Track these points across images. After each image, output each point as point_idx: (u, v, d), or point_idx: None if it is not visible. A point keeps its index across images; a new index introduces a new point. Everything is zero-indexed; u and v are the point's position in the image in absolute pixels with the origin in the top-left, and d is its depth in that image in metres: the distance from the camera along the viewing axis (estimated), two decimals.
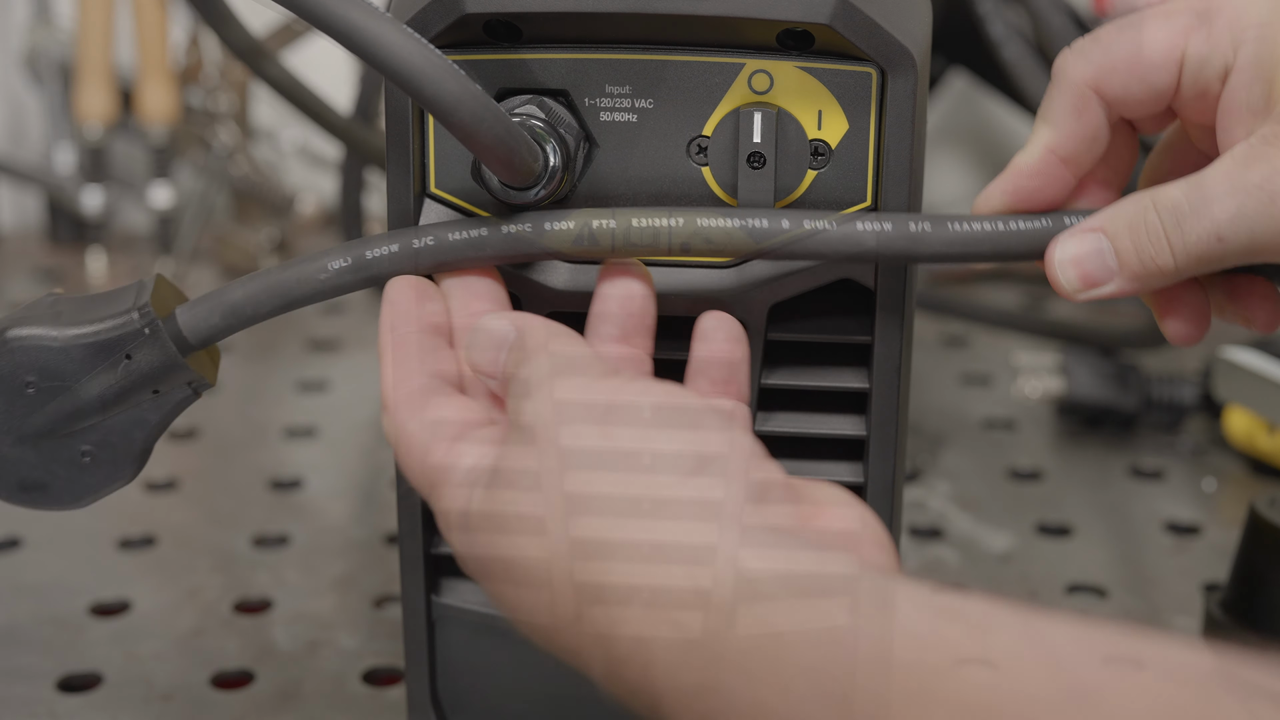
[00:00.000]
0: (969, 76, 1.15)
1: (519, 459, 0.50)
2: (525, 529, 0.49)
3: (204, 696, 0.76)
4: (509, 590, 0.51)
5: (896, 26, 0.57)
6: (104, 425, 0.59)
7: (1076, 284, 0.55)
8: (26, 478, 0.60)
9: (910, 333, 0.62)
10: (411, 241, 0.58)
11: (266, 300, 0.58)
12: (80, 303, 0.59)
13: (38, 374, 0.57)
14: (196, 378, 0.59)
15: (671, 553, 0.47)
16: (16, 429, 0.58)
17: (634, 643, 0.47)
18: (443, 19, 0.57)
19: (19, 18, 1.34)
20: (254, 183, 1.27)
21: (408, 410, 0.54)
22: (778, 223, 0.56)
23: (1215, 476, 0.98)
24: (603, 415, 0.50)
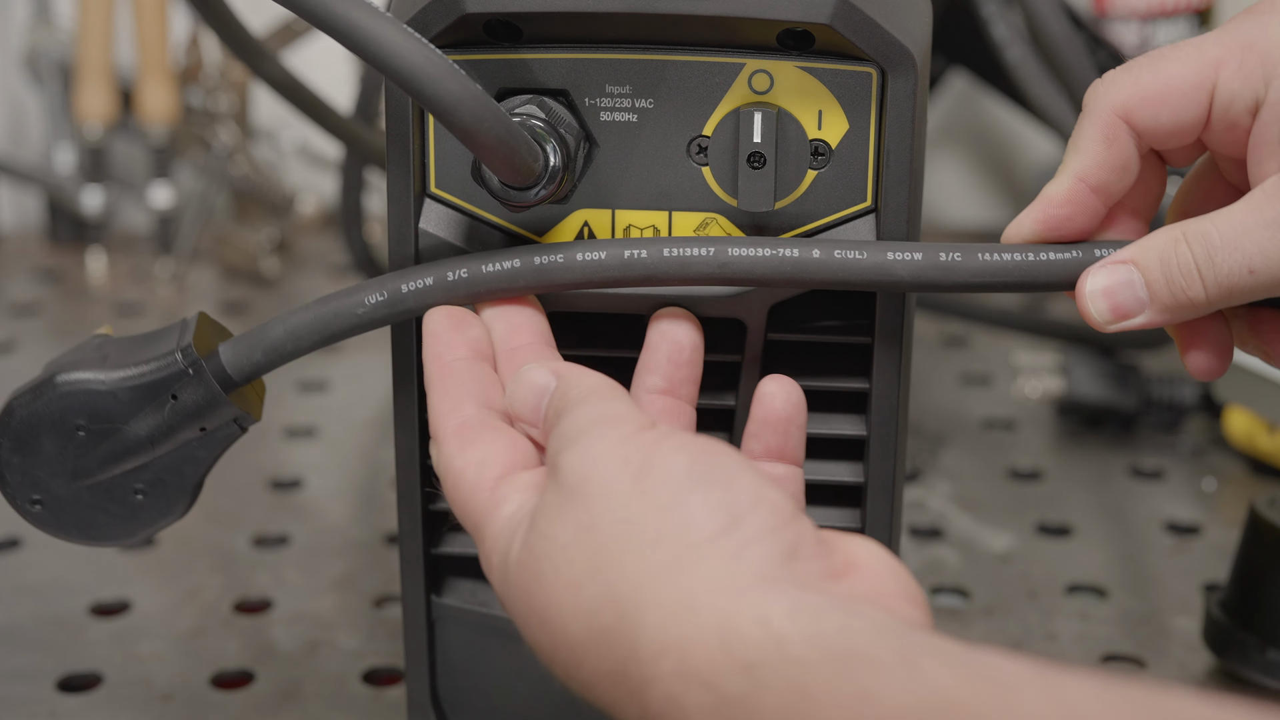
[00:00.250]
0: (969, 76, 1.15)
1: (554, 514, 0.51)
2: (559, 585, 0.50)
3: (204, 696, 0.76)
4: (544, 641, 0.51)
5: (896, 26, 0.57)
6: (155, 464, 0.60)
7: (1108, 315, 0.55)
8: (81, 517, 0.61)
9: (910, 333, 0.62)
10: (446, 274, 0.58)
11: (306, 337, 0.59)
12: (126, 345, 0.61)
13: (87, 417, 0.59)
14: (241, 414, 0.60)
15: (702, 613, 0.47)
16: (69, 471, 0.60)
17: (667, 701, 0.47)
18: (443, 19, 0.57)
19: (19, 18, 1.34)
20: (254, 183, 1.27)
21: (456, 445, 0.55)
22: (808, 253, 0.57)
23: (1215, 476, 0.98)
24: (638, 471, 0.50)
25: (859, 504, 0.63)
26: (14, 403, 0.59)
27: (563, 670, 0.51)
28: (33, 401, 0.59)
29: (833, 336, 0.61)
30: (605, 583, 0.49)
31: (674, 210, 0.60)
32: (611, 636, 0.48)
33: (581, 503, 0.50)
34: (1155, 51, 0.56)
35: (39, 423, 0.59)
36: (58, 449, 0.59)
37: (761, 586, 0.47)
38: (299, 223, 1.33)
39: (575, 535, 0.50)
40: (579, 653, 0.49)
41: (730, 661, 0.46)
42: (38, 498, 0.60)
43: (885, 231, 0.59)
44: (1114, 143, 0.56)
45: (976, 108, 1.36)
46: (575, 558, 0.49)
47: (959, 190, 1.39)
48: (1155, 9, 1.22)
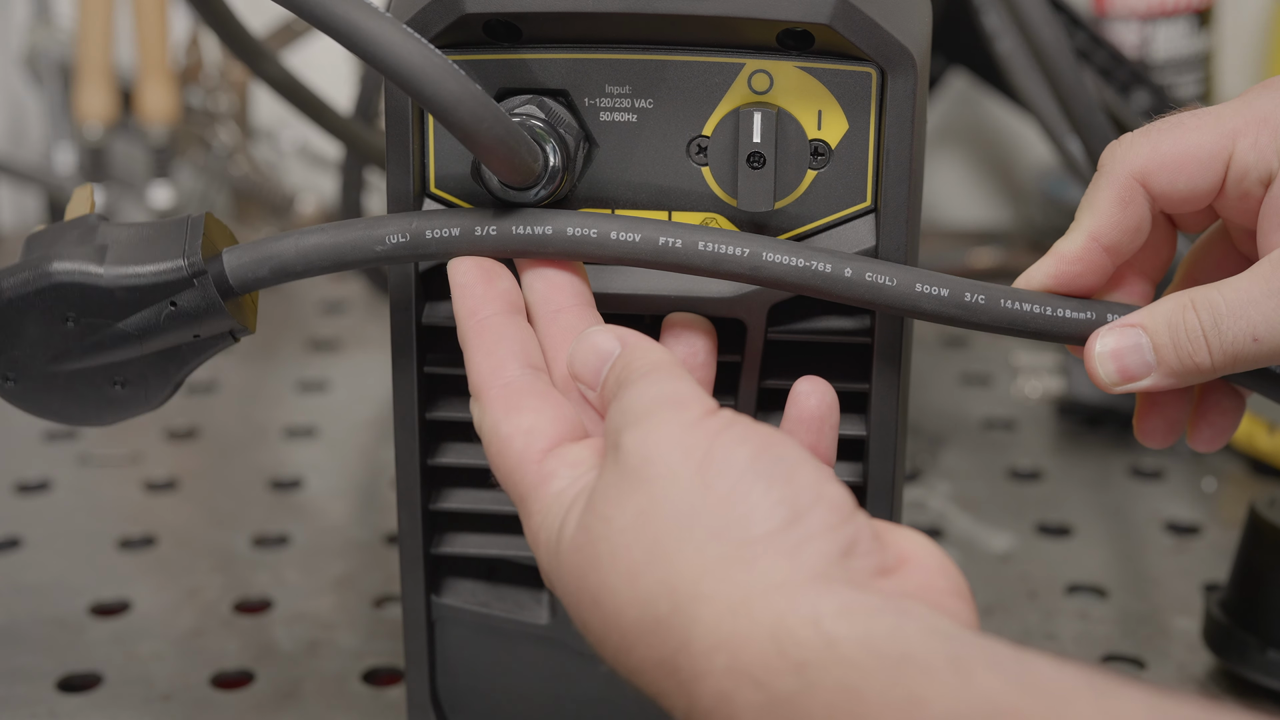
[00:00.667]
0: (969, 76, 1.15)
1: (613, 497, 0.51)
2: (616, 570, 0.50)
3: (204, 696, 0.76)
4: (595, 623, 0.51)
5: (896, 26, 0.57)
6: (139, 359, 0.59)
7: (1115, 377, 0.56)
8: (55, 399, 0.59)
9: (910, 333, 0.62)
10: (474, 228, 0.57)
11: (318, 261, 0.58)
12: (125, 235, 0.58)
13: (78, 310, 0.57)
14: (237, 325, 0.59)
15: (757, 611, 0.47)
16: (50, 355, 0.58)
17: (717, 697, 0.47)
18: (443, 19, 0.57)
19: (19, 18, 1.34)
20: (254, 183, 1.27)
21: (502, 409, 0.55)
22: (840, 270, 0.57)
23: (1215, 476, 0.98)
24: (701, 460, 0.50)
25: (859, 504, 0.63)
26: (2, 283, 0.57)
27: (611, 654, 0.51)
28: (23, 286, 0.57)
29: (833, 337, 0.61)
30: (662, 573, 0.49)
31: (674, 210, 0.60)
32: (665, 627, 0.48)
33: (643, 488, 0.50)
34: (1174, 118, 0.58)
35: (26, 308, 0.57)
36: (41, 334, 0.57)
37: (816, 585, 0.47)
38: (299, 223, 1.33)
39: (634, 521, 0.50)
40: (630, 639, 0.50)
41: (782, 662, 0.46)
42: (12, 375, 0.58)
43: (885, 231, 0.59)
44: (1129, 205, 0.57)
45: (976, 108, 1.36)
46: (633, 543, 0.50)
47: (959, 190, 1.39)
48: (1155, 9, 1.22)
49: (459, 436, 0.65)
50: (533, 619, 0.66)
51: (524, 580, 0.67)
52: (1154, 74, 1.20)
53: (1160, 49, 1.22)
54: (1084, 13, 1.19)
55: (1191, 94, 1.23)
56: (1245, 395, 0.60)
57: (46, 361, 0.58)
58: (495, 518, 0.65)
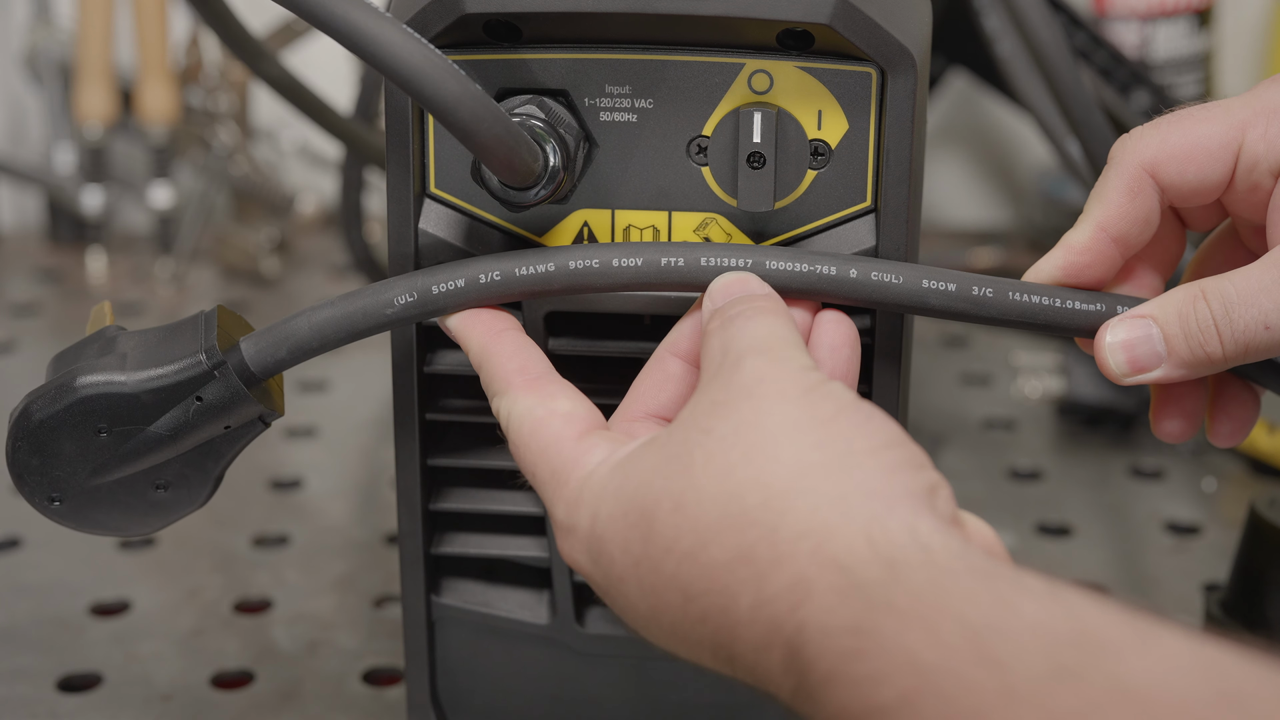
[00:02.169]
0: (969, 76, 1.15)
1: (719, 411, 0.51)
2: (709, 471, 0.49)
3: (204, 696, 0.76)
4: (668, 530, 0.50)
5: (896, 26, 0.57)
6: (176, 460, 0.59)
7: (1125, 368, 0.56)
8: (102, 512, 0.60)
9: (910, 334, 0.62)
10: (479, 277, 0.58)
11: (332, 334, 0.58)
12: (144, 341, 0.59)
13: (109, 420, 0.58)
14: (266, 411, 0.60)
15: (854, 509, 0.47)
16: (89, 470, 0.59)
17: (794, 580, 0.46)
18: (443, 19, 0.57)
19: (19, 18, 1.34)
20: (254, 183, 1.27)
21: (536, 395, 0.55)
22: (845, 272, 0.57)
23: (1215, 476, 0.98)
24: (810, 387, 0.51)
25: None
26: (32, 406, 0.58)
27: (674, 565, 0.50)
28: (52, 404, 0.58)
29: None
30: (757, 469, 0.49)
31: (674, 210, 0.60)
32: (750, 517, 0.48)
33: (750, 402, 0.50)
34: (1183, 110, 0.58)
35: (59, 425, 0.58)
36: (77, 450, 0.58)
37: (911, 503, 0.48)
38: (299, 223, 1.33)
39: (736, 428, 0.50)
40: (707, 536, 0.49)
41: (873, 554, 0.46)
42: (56, 495, 0.60)
43: (885, 231, 0.59)
44: (1138, 196, 0.57)
45: (976, 108, 1.36)
46: (732, 446, 0.50)
47: (959, 190, 1.39)
48: (1155, 9, 1.22)
49: (459, 437, 0.65)
50: (533, 619, 0.66)
51: (524, 580, 0.67)
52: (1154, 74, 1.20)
53: (1160, 49, 1.22)
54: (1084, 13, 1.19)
55: (1191, 94, 1.23)
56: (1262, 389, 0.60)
57: (87, 476, 0.59)
58: (495, 518, 0.65)
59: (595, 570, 0.53)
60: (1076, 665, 0.41)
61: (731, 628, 0.48)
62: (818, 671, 0.45)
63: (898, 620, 0.44)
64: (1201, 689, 0.40)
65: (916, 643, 0.43)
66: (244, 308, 1.23)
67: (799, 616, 0.46)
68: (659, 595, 0.50)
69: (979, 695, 0.41)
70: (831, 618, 0.45)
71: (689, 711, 0.67)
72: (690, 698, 0.67)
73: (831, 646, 0.45)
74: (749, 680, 0.49)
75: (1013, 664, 0.42)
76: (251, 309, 1.23)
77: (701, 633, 0.49)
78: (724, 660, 0.49)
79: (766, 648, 0.47)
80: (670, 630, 0.51)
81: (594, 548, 0.52)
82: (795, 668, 0.46)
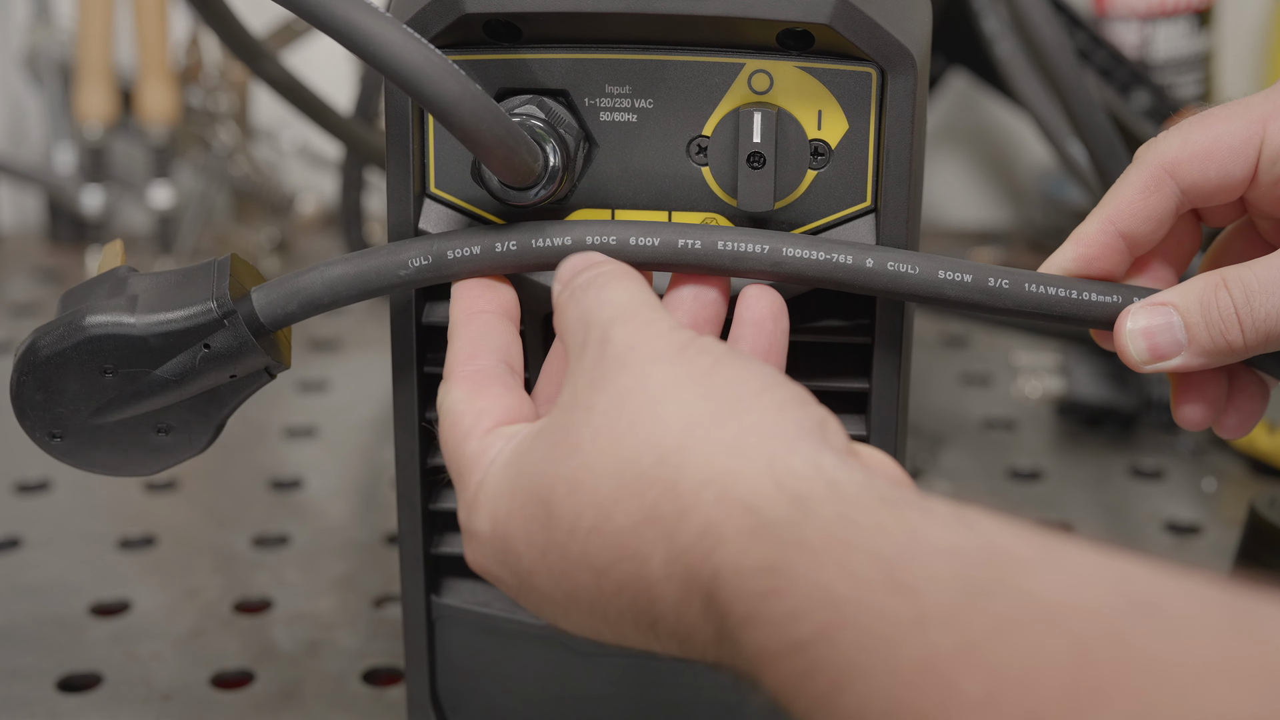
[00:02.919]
0: (969, 76, 1.15)
1: (595, 386, 0.50)
2: (597, 447, 0.49)
3: (204, 696, 0.76)
4: (567, 513, 0.50)
5: (896, 26, 0.57)
6: (180, 404, 0.59)
7: (1145, 355, 0.56)
8: (102, 451, 0.60)
9: (910, 333, 0.62)
10: (494, 245, 0.58)
11: (344, 291, 0.58)
12: (154, 283, 0.59)
13: (115, 360, 0.58)
14: (272, 362, 0.59)
15: (752, 452, 0.47)
16: (92, 408, 0.59)
17: (703, 527, 0.46)
18: (443, 19, 0.57)
19: (19, 18, 1.34)
20: (254, 183, 1.27)
21: (466, 390, 0.55)
22: (862, 261, 0.57)
23: (1215, 476, 0.98)
24: (683, 345, 0.51)
25: None
26: (39, 341, 0.58)
27: (580, 545, 0.50)
28: (59, 341, 0.58)
29: (833, 336, 0.61)
30: (646, 432, 0.49)
31: (674, 210, 0.60)
32: (648, 478, 0.48)
33: (626, 371, 0.50)
34: (1204, 112, 0.58)
35: (65, 362, 0.58)
36: (82, 388, 0.58)
37: (810, 439, 0.48)
38: (299, 223, 1.33)
39: (618, 399, 0.50)
40: (607, 507, 0.49)
41: (778, 493, 0.46)
42: (58, 431, 0.59)
43: (885, 231, 0.59)
44: (1152, 194, 0.57)
45: (976, 108, 1.36)
46: (616, 418, 0.50)
47: (959, 190, 1.39)
48: (1155, 9, 1.22)
49: None
50: (533, 619, 0.66)
51: None
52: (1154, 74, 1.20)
53: (1160, 49, 1.22)
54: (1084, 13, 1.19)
55: (1191, 94, 1.23)
56: (1273, 381, 0.60)
57: (90, 415, 0.59)
58: None
59: (504, 571, 0.53)
60: (987, 583, 0.41)
61: (649, 590, 0.48)
62: (735, 614, 0.45)
63: (810, 556, 0.44)
64: (1113, 598, 0.40)
65: (830, 577, 0.43)
66: None
67: (713, 562, 0.46)
68: (571, 578, 0.50)
69: (894, 622, 0.42)
70: (745, 559, 0.45)
71: (689, 711, 0.67)
72: (690, 697, 0.67)
73: (747, 588, 0.45)
74: (673, 645, 0.49)
75: (924, 589, 0.42)
76: None
77: (620, 604, 0.49)
78: (647, 627, 0.49)
79: (685, 601, 0.47)
80: (588, 611, 0.50)
81: (498, 548, 0.52)
82: (714, 613, 0.46)
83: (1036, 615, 0.40)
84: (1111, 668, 0.38)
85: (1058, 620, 0.39)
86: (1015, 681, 0.39)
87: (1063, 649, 0.39)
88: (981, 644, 0.40)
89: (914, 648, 0.41)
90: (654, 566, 0.48)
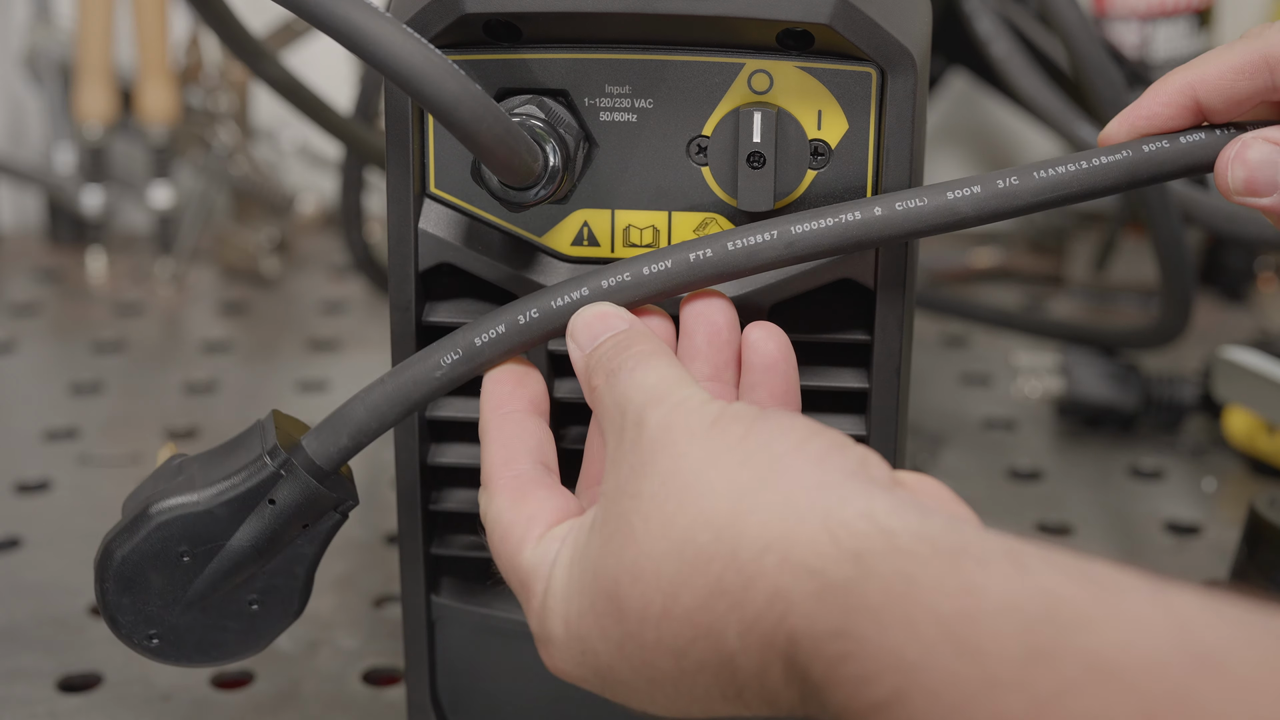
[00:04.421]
0: (969, 76, 1.15)
1: (638, 473, 0.51)
2: (650, 533, 0.49)
3: (204, 696, 0.76)
4: (636, 603, 0.50)
5: (896, 26, 0.57)
6: (264, 570, 0.59)
7: (1240, 185, 0.56)
8: (201, 639, 0.60)
9: (910, 333, 0.62)
10: (517, 318, 0.57)
11: (389, 412, 0.59)
12: (205, 461, 0.60)
13: (189, 542, 0.58)
14: (342, 501, 0.59)
15: (805, 510, 0.47)
16: (181, 598, 0.59)
17: (771, 595, 0.47)
18: (443, 19, 0.57)
19: (19, 18, 1.34)
20: (254, 183, 1.27)
21: (509, 498, 0.55)
22: (870, 212, 0.56)
23: (1215, 476, 0.98)
24: (715, 417, 0.51)
25: None
26: (111, 545, 0.58)
27: (655, 627, 0.50)
28: (130, 539, 0.58)
29: (833, 336, 0.61)
30: (697, 510, 0.49)
31: (673, 210, 0.60)
32: (708, 554, 0.48)
33: (666, 454, 0.50)
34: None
35: (141, 559, 0.58)
36: (165, 579, 0.58)
37: (855, 484, 0.48)
38: (299, 223, 1.33)
39: (662, 482, 0.50)
40: (673, 589, 0.49)
41: (838, 551, 0.46)
42: (154, 632, 0.59)
43: None
44: (1248, 78, 0.56)
45: (976, 108, 1.36)
46: (664, 501, 0.50)
47: None
48: (1155, 9, 1.22)
49: (459, 437, 0.65)
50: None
51: None
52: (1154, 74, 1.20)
53: (1160, 49, 1.22)
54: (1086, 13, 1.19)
55: None
56: None
57: (180, 606, 0.59)
58: None
59: (584, 670, 0.53)
60: (1050, 645, 0.41)
61: (729, 663, 0.48)
62: (814, 676, 0.46)
63: (875, 621, 0.44)
64: (1175, 653, 0.40)
65: (897, 642, 0.44)
66: (244, 308, 1.23)
67: (786, 628, 0.46)
68: (652, 666, 0.50)
69: (964, 686, 0.42)
70: (815, 624, 0.46)
71: None
72: None
73: (821, 652, 0.45)
74: (763, 709, 0.49)
75: (990, 650, 0.42)
76: (252, 309, 1.23)
77: (704, 681, 0.49)
78: (734, 696, 0.49)
79: (766, 668, 0.47)
80: (674, 693, 0.51)
81: (575, 649, 0.53)
82: (795, 676, 0.46)
83: (1101, 675, 0.40)
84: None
85: (1122, 679, 0.40)
86: None
87: (1129, 708, 0.39)
88: (1049, 704, 0.40)
89: (986, 710, 0.41)
90: (729, 640, 0.48)
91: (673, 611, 0.49)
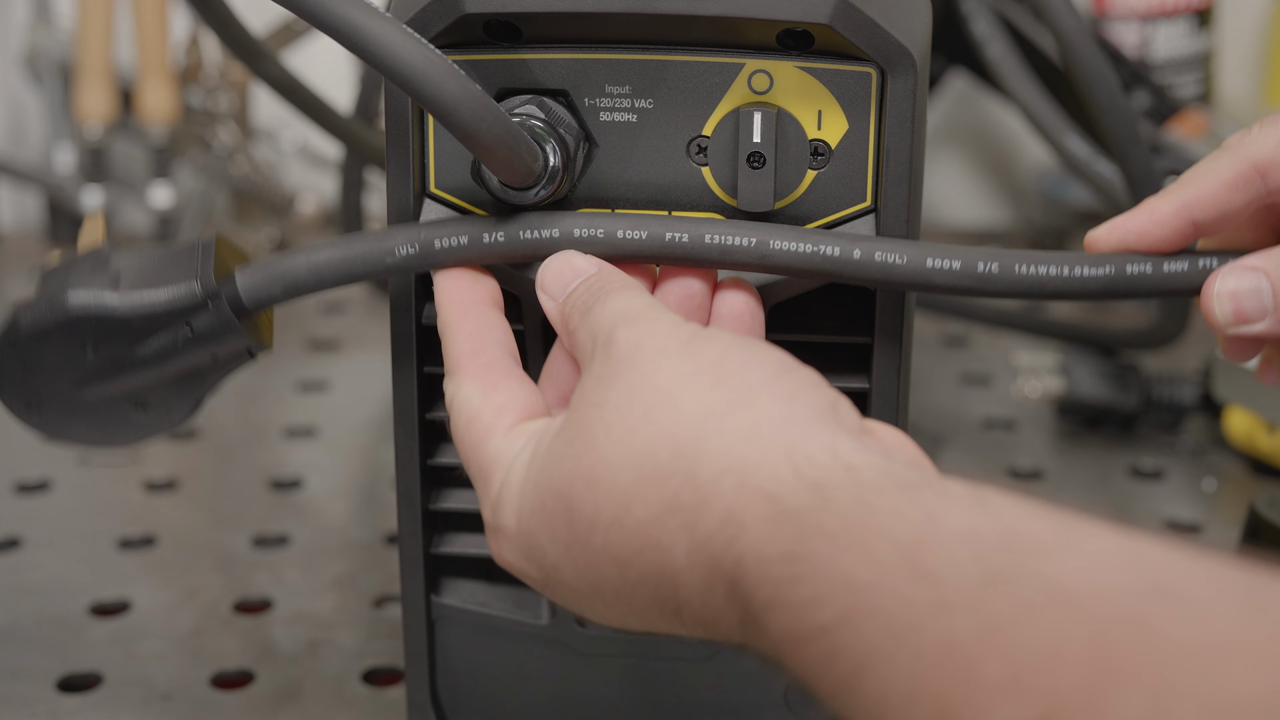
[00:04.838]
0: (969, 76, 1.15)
1: (605, 384, 0.51)
2: (611, 441, 0.50)
3: (204, 696, 0.76)
4: (587, 508, 0.50)
5: (896, 26, 0.57)
6: (159, 381, 0.59)
7: (1230, 317, 0.56)
8: (79, 424, 0.60)
9: (910, 333, 0.62)
10: (482, 235, 0.58)
11: (329, 275, 0.58)
12: (137, 261, 0.59)
13: (96, 338, 0.57)
14: (254, 343, 0.59)
15: (768, 440, 0.47)
16: (70, 382, 0.58)
17: (724, 516, 0.47)
18: (443, 19, 0.57)
19: (19, 18, 1.34)
20: (254, 183, 1.27)
21: (480, 385, 0.55)
22: (849, 252, 0.57)
23: (1215, 476, 0.98)
24: (688, 338, 0.51)
25: None
26: (21, 318, 0.58)
27: (602, 537, 0.50)
28: (40, 318, 0.57)
29: (833, 336, 0.61)
30: (661, 424, 0.49)
31: (673, 210, 0.60)
32: (667, 470, 0.48)
33: (634, 368, 0.51)
34: None
35: (45, 339, 0.57)
36: (61, 363, 0.58)
37: (822, 424, 0.48)
38: (299, 223, 1.33)
39: (628, 394, 0.50)
40: (627, 500, 0.49)
41: (798, 481, 0.46)
42: (36, 405, 0.59)
43: (885, 232, 0.59)
44: (1239, 191, 0.57)
45: (976, 108, 1.36)
46: (628, 412, 0.50)
47: (959, 190, 1.39)
48: (1155, 9, 1.22)
49: None
50: (533, 619, 0.66)
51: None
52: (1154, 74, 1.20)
53: (1160, 49, 1.22)
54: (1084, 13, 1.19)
55: (1191, 94, 1.23)
56: None
57: (69, 390, 0.59)
58: None
59: (529, 565, 0.53)
60: (1006, 569, 0.41)
61: (673, 579, 0.48)
62: (759, 599, 0.46)
63: (830, 543, 0.44)
64: (1131, 581, 0.40)
65: (851, 563, 0.44)
66: None
67: (735, 550, 0.46)
68: (595, 570, 0.51)
69: (915, 608, 0.42)
70: (767, 546, 0.46)
71: (689, 711, 0.67)
72: (690, 697, 0.67)
73: (769, 574, 0.45)
74: (698, 630, 0.49)
75: (944, 574, 0.42)
76: None
77: (645, 593, 0.50)
78: (672, 614, 0.49)
79: (709, 588, 0.47)
80: (614, 601, 0.51)
81: (524, 544, 0.53)
82: (738, 599, 0.47)
83: (1056, 599, 0.40)
84: (1130, 650, 0.38)
85: (1077, 604, 0.40)
86: (1035, 664, 0.39)
87: (1082, 632, 0.39)
88: (1002, 628, 0.40)
89: (935, 632, 0.41)
90: (677, 556, 0.48)
91: (623, 521, 0.49)
